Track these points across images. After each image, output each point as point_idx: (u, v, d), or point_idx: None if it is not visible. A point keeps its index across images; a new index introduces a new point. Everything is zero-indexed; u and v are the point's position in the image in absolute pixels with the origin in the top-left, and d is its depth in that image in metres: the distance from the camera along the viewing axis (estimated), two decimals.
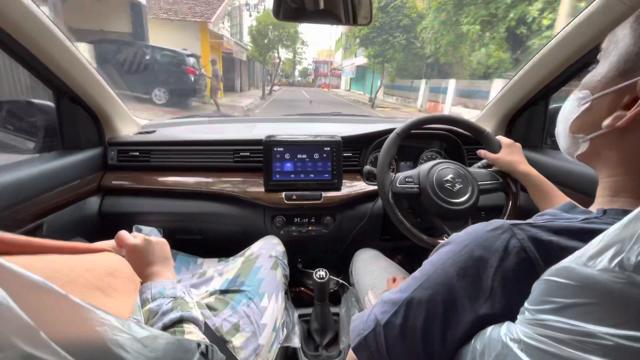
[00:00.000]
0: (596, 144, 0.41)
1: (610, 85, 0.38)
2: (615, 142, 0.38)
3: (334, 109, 7.92)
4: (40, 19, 0.77)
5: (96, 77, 0.99)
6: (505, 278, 0.34)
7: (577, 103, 0.43)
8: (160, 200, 1.10)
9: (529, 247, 0.34)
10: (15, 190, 0.77)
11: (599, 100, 0.40)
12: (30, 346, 0.19)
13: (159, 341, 0.30)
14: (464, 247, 0.38)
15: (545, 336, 0.28)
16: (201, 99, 9.90)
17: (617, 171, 0.39)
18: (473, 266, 0.36)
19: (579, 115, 0.43)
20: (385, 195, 0.85)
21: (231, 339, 0.64)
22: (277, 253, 0.90)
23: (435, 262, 0.40)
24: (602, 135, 0.40)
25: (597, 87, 0.40)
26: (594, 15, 0.80)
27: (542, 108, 1.15)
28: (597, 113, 0.40)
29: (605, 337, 0.24)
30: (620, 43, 0.38)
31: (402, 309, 0.39)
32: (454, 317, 0.36)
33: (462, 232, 0.41)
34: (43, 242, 0.37)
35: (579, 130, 0.43)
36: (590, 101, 0.41)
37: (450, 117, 0.96)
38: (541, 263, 0.33)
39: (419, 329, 0.37)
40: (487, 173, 0.89)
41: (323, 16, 0.85)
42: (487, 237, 0.37)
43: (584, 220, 0.36)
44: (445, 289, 0.37)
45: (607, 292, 0.25)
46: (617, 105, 0.37)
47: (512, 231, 0.35)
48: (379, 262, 0.97)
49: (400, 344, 0.38)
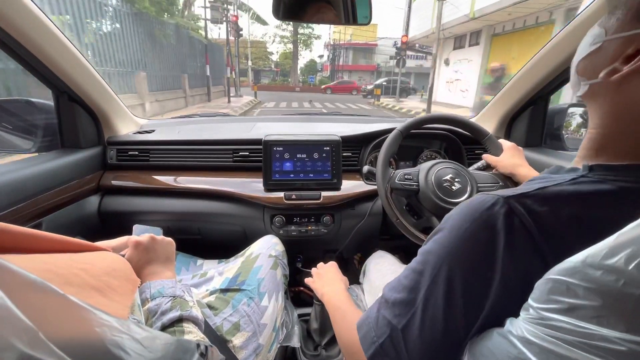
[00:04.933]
0: (593, 90, 0.39)
1: (625, 29, 0.34)
2: (610, 94, 0.36)
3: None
4: (40, 18, 0.76)
5: (95, 76, 0.99)
6: (514, 256, 0.33)
7: (590, 41, 0.39)
8: (160, 199, 1.10)
9: (528, 222, 0.33)
10: (14, 189, 0.76)
11: (608, 43, 0.36)
12: (29, 347, 0.19)
13: (158, 342, 0.29)
14: (465, 230, 0.36)
15: (552, 337, 0.27)
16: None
17: (605, 123, 0.37)
18: (481, 250, 0.35)
19: (586, 55, 0.39)
20: (383, 191, 0.85)
21: (231, 339, 0.64)
22: (276, 253, 0.90)
23: (440, 254, 0.38)
24: (599, 84, 0.37)
25: (612, 28, 0.36)
26: (594, 15, 0.80)
27: (541, 108, 1.15)
28: (602, 57, 0.37)
29: (618, 342, 0.24)
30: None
31: (419, 309, 0.37)
32: (473, 306, 0.35)
33: (454, 214, 0.39)
34: (46, 235, 0.37)
35: (583, 72, 0.40)
36: (601, 42, 0.37)
37: (453, 117, 0.96)
38: (540, 235, 0.33)
39: (440, 326, 0.36)
40: (488, 175, 0.89)
41: (323, 16, 0.85)
42: (485, 215, 0.36)
43: (572, 180, 0.36)
44: (459, 278, 0.35)
45: (623, 297, 0.24)
46: (622, 54, 0.34)
47: (509, 205, 0.35)
48: (394, 266, 0.96)
49: (420, 346, 0.37)
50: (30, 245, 0.36)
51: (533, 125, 1.17)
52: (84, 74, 0.94)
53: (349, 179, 1.13)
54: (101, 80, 1.02)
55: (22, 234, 0.36)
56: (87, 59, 0.94)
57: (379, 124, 1.28)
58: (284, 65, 33.68)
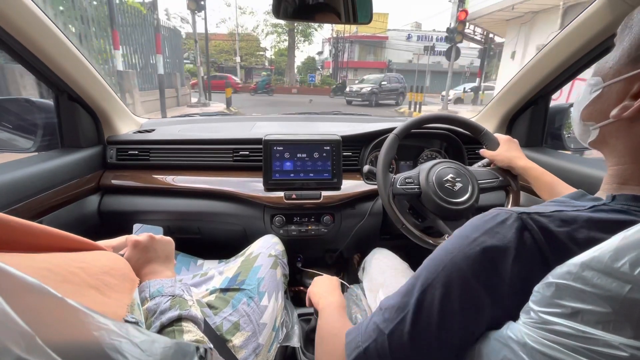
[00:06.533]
0: (605, 133, 0.40)
1: (621, 73, 0.36)
2: (623, 132, 0.37)
3: None
4: (39, 18, 0.76)
5: (95, 75, 0.99)
6: (523, 270, 0.33)
7: (589, 90, 0.41)
8: (160, 199, 1.10)
9: (540, 240, 0.33)
10: (14, 189, 0.76)
11: (609, 88, 0.38)
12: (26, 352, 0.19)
13: (157, 345, 0.29)
14: (473, 240, 0.36)
15: (553, 342, 0.27)
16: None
17: (625, 160, 0.38)
18: (488, 259, 0.34)
19: (589, 103, 0.41)
20: (386, 198, 0.85)
21: (231, 338, 0.64)
22: (276, 252, 0.90)
23: (442, 258, 0.37)
24: (610, 124, 0.38)
25: (608, 74, 0.38)
26: (595, 15, 0.79)
27: (542, 108, 1.14)
28: (606, 101, 0.38)
29: (621, 347, 0.23)
30: (635, 28, 0.36)
31: (410, 314, 0.37)
32: (473, 313, 0.34)
33: (465, 225, 0.39)
34: (45, 229, 0.37)
35: (589, 118, 0.41)
36: (600, 89, 0.39)
37: (449, 116, 0.96)
38: (552, 255, 0.32)
39: (434, 332, 0.35)
40: (486, 171, 0.89)
41: (323, 15, 0.84)
42: (497, 228, 0.35)
43: (592, 208, 0.35)
44: (459, 284, 0.35)
45: (630, 303, 0.24)
46: (627, 93, 0.36)
47: (522, 221, 0.34)
48: (393, 262, 0.96)
49: (409, 352, 0.36)
50: (29, 240, 0.36)
51: (534, 124, 1.17)
52: (83, 73, 0.94)
53: (349, 178, 1.13)
54: (101, 80, 1.02)
55: (21, 227, 0.36)
56: (87, 59, 0.94)
57: (379, 123, 1.27)
58: (280, 62, 26.49)
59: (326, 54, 33.03)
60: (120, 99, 1.17)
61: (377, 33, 26.45)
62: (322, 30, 26.51)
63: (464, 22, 8.54)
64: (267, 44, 28.90)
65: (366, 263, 1.01)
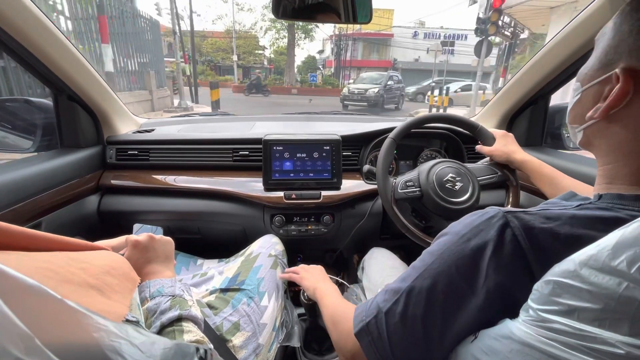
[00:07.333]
0: (588, 134, 0.42)
1: (594, 77, 0.39)
2: (602, 132, 0.39)
3: None
4: (39, 18, 0.76)
5: (95, 75, 0.99)
6: (499, 266, 0.35)
7: (572, 94, 0.44)
8: (159, 199, 1.09)
9: (521, 236, 0.34)
10: (13, 189, 0.76)
11: (587, 92, 0.41)
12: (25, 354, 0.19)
13: (157, 346, 0.29)
14: (461, 237, 0.39)
15: (551, 339, 0.27)
16: None
17: (609, 159, 0.40)
18: (470, 255, 0.37)
19: (572, 107, 0.44)
20: (388, 204, 0.85)
21: (231, 338, 0.64)
22: (276, 252, 0.90)
23: (435, 252, 0.41)
24: (591, 126, 0.41)
25: (585, 79, 0.41)
26: (595, 15, 0.79)
27: (541, 107, 1.14)
28: (585, 104, 0.41)
29: (618, 345, 0.24)
30: (607, 34, 0.39)
31: (403, 297, 0.40)
32: (454, 306, 0.37)
33: (459, 221, 0.42)
34: (45, 235, 0.37)
35: (574, 121, 0.44)
36: (580, 93, 0.42)
37: (444, 115, 0.96)
38: (532, 252, 0.34)
39: (419, 317, 0.38)
40: (485, 167, 0.89)
41: (323, 15, 0.84)
42: (482, 226, 0.38)
43: (578, 206, 0.37)
44: (445, 278, 0.38)
45: (626, 300, 0.24)
46: (600, 96, 0.38)
47: (506, 219, 0.36)
48: (392, 262, 0.96)
49: (400, 332, 0.39)
50: (29, 245, 0.36)
51: (533, 124, 1.17)
52: (83, 73, 0.94)
53: (349, 178, 1.13)
54: (100, 80, 1.02)
55: (21, 234, 0.36)
56: (86, 59, 0.94)
57: (379, 123, 1.27)
58: (279, 61, 25.17)
59: (327, 53, 31.67)
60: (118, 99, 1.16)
61: (382, 30, 25.16)
62: (324, 27, 25.02)
63: (499, 10, 6.51)
64: (266, 42, 27.81)
65: (365, 263, 1.01)
